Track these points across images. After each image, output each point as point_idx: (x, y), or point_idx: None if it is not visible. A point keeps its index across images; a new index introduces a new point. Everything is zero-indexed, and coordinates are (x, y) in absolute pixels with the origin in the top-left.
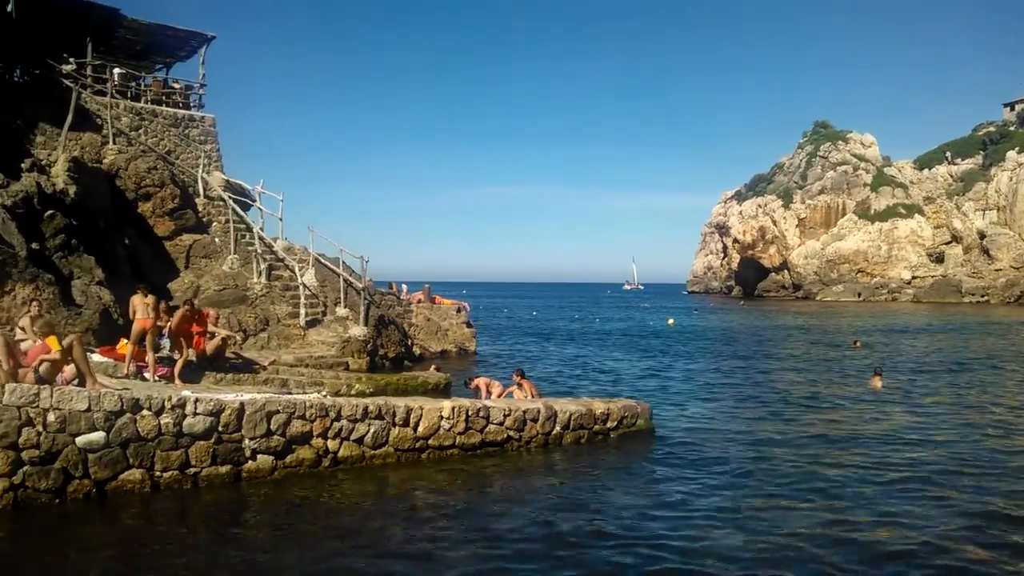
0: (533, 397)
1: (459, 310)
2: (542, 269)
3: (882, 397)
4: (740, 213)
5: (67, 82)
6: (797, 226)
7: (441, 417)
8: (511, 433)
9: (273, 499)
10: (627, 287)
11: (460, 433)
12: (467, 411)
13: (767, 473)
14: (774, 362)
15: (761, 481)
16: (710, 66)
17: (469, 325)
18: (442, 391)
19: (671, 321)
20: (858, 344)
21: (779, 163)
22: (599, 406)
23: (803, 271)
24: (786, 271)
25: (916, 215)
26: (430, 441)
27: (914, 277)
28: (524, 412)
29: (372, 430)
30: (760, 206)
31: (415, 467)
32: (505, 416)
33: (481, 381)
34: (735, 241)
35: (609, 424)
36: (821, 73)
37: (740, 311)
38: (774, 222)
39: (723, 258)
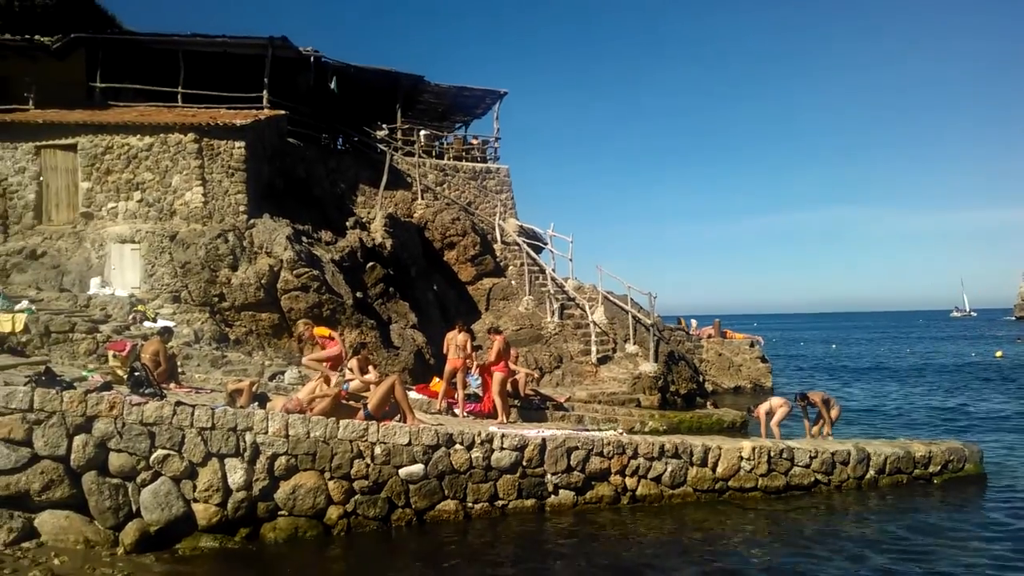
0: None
1: (752, 344)
2: (841, 297)
3: None
4: None
5: (381, 146)
6: None
7: (741, 458)
8: (819, 476)
9: (575, 535)
10: (956, 314)
11: (762, 475)
12: (769, 452)
13: None
14: None
15: None
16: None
17: (764, 360)
18: (738, 430)
19: (999, 353)
20: None
21: None
22: (919, 448)
23: None
24: None
25: None
26: (730, 482)
27: None
28: (833, 455)
29: (669, 469)
30: None
31: (715, 508)
32: (812, 458)
33: (761, 410)
34: None
35: (931, 468)
36: None
37: None
38: None
39: None
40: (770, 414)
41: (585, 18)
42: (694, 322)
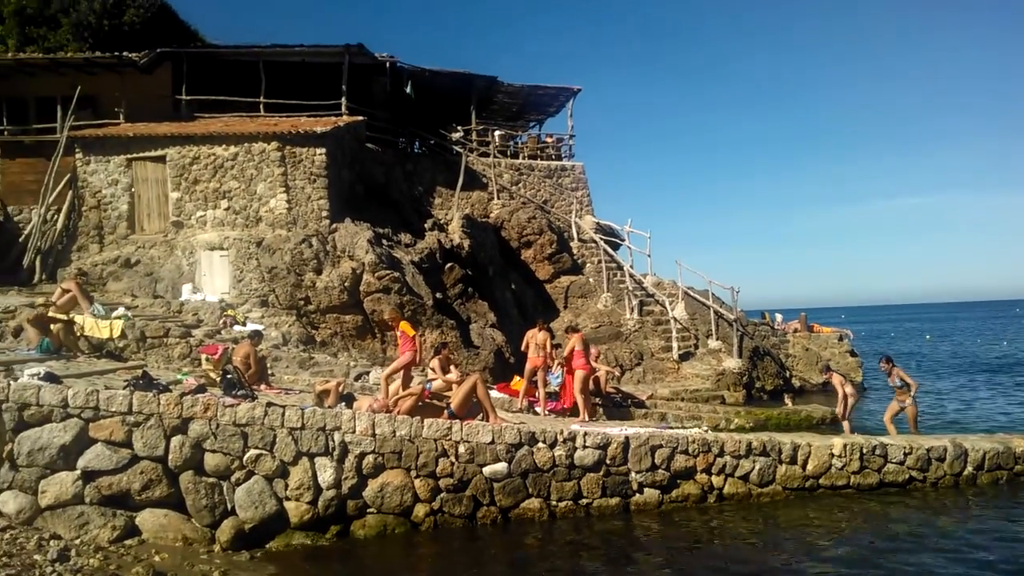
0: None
1: (841, 338)
2: (931, 288)
3: None
4: None
5: (456, 148)
6: None
7: (832, 455)
8: (913, 473)
9: (661, 534)
10: None
11: (855, 472)
12: (861, 449)
13: None
14: None
15: None
16: None
17: (854, 354)
18: (828, 426)
19: None
20: None
21: None
22: (1020, 443)
23: None
24: None
25: None
26: (821, 480)
27: None
28: (928, 451)
29: (757, 467)
30: None
31: (806, 507)
32: (906, 455)
33: (836, 379)
34: None
35: None
36: None
37: None
38: None
39: None
40: (844, 395)
41: (665, 4)
42: (779, 316)
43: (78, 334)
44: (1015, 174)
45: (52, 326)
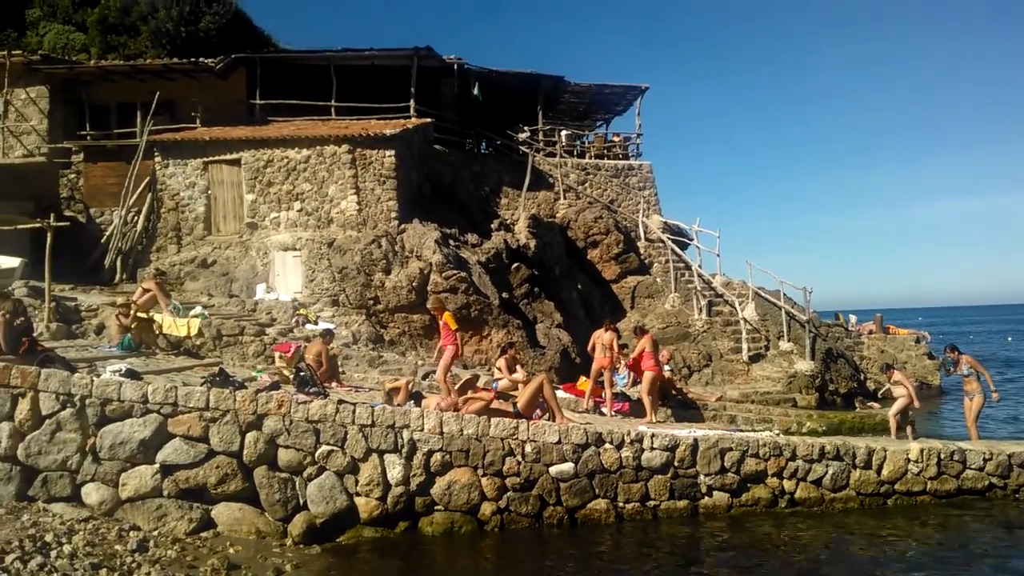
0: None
1: (918, 340)
2: (1014, 288)
3: None
4: None
5: (523, 148)
6: None
7: (908, 460)
8: (994, 480)
9: (730, 539)
10: None
11: (932, 478)
12: (939, 454)
13: None
14: None
15: None
16: None
17: (931, 356)
18: (903, 430)
19: None
20: None
21: None
22: None
23: None
24: None
25: None
26: (896, 486)
27: None
28: (1009, 457)
29: (830, 472)
30: None
31: (880, 513)
32: (986, 460)
33: (898, 374)
34: None
35: None
36: None
37: None
38: None
39: None
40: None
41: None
42: (853, 317)
43: (157, 332)
44: None
45: (132, 324)
